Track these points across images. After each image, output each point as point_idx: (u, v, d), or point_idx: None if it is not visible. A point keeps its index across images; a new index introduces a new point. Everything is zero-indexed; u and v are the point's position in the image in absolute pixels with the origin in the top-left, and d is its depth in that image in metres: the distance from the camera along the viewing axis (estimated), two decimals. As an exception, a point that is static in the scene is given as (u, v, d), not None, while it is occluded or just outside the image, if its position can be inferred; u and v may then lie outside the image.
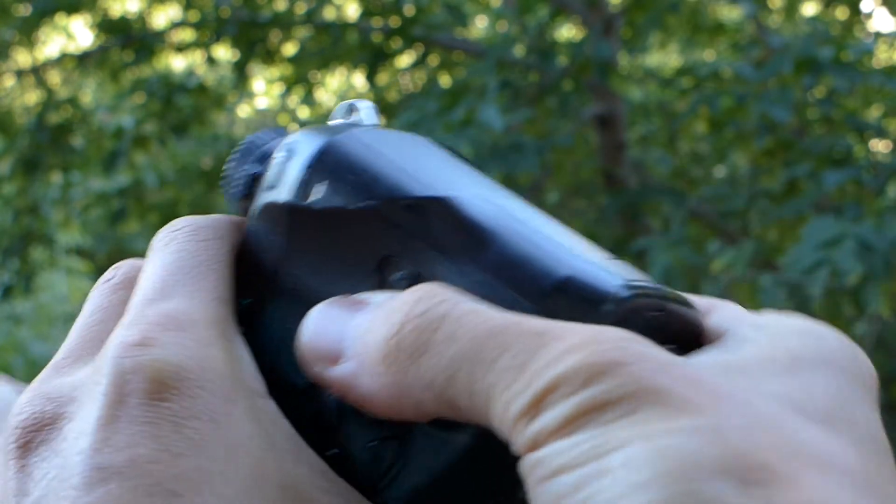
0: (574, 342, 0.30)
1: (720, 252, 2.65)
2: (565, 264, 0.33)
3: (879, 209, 2.48)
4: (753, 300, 2.45)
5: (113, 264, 0.37)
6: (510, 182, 2.91)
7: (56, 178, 3.87)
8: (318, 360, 0.34)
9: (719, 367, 0.31)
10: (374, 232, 0.36)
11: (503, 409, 0.30)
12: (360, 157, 0.37)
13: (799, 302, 2.70)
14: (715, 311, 0.36)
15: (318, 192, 0.37)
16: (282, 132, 0.40)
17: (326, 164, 0.37)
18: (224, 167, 0.40)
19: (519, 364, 0.30)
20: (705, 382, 0.28)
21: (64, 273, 5.47)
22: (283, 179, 0.37)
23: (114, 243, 4.30)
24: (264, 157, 0.39)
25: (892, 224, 2.14)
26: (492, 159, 2.45)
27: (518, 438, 0.29)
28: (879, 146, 3.32)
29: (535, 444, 0.29)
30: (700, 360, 0.31)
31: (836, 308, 2.51)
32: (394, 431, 0.34)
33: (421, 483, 0.34)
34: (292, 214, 0.37)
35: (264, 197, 0.38)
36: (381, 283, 0.36)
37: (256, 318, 0.37)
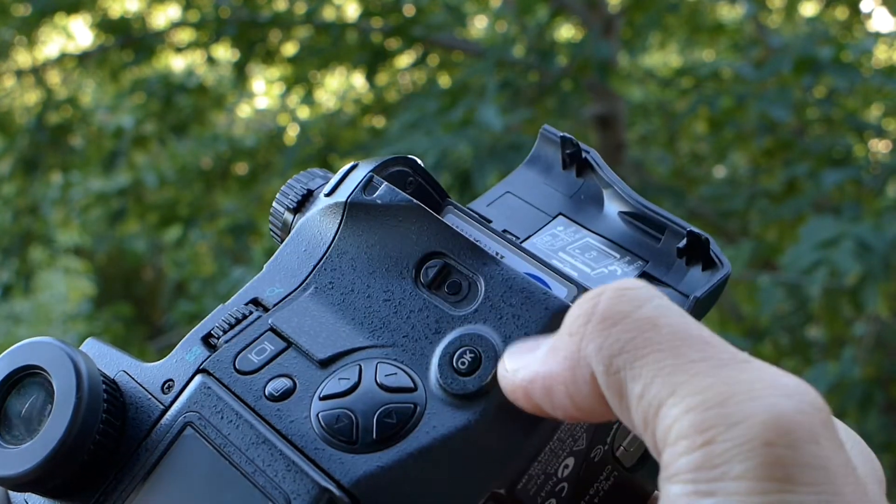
0: (785, 382, 0.28)
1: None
2: None
3: (878, 209, 2.48)
4: (752, 300, 2.45)
5: (112, 264, 0.39)
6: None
7: (56, 178, 3.87)
8: (506, 373, 0.35)
9: None
10: (423, 227, 0.41)
11: (679, 413, 0.28)
12: (414, 168, 0.44)
13: (798, 302, 2.70)
14: None
15: (378, 191, 0.42)
16: (325, 173, 0.47)
17: (386, 170, 0.43)
18: (275, 198, 0.46)
19: (719, 378, 0.28)
20: (865, 497, 0.28)
21: (62, 273, 5.47)
22: (344, 186, 0.43)
23: (113, 243, 4.29)
24: (310, 187, 0.46)
25: (891, 224, 2.14)
26: (491, 159, 2.45)
27: (677, 454, 0.28)
28: (879, 146, 3.32)
29: (696, 480, 0.27)
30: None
31: (834, 308, 2.51)
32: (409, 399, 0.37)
33: (426, 443, 0.36)
34: (351, 209, 0.42)
35: (322, 202, 0.44)
36: (416, 279, 0.40)
37: (287, 305, 0.41)
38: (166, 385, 0.40)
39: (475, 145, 2.46)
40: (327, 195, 0.44)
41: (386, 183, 0.42)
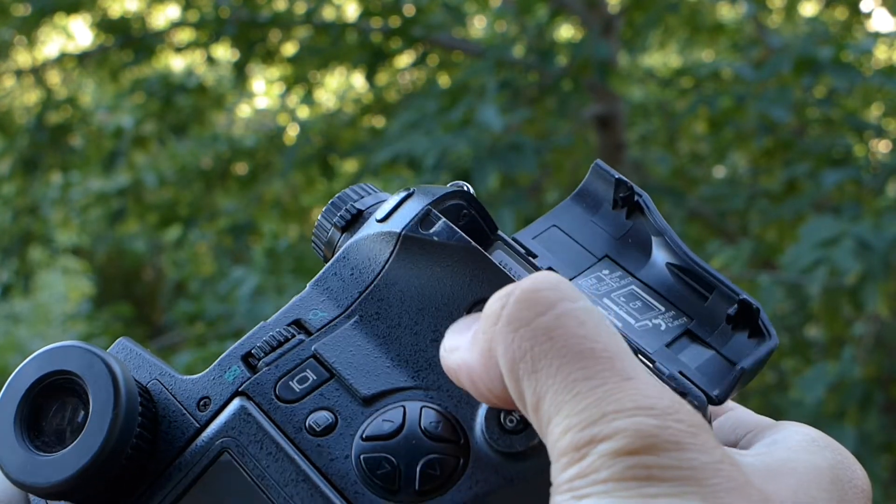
0: (653, 404, 0.31)
1: (718, 251, 2.64)
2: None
3: (878, 209, 2.48)
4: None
5: (112, 264, 0.38)
6: (510, 182, 2.91)
7: (55, 177, 3.87)
8: (444, 351, 0.36)
9: (762, 470, 0.35)
10: (478, 271, 0.40)
11: (561, 432, 0.31)
12: (469, 200, 0.43)
13: (798, 301, 2.70)
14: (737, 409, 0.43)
15: (435, 227, 0.41)
16: (374, 190, 0.46)
17: (443, 204, 0.42)
18: (322, 212, 0.45)
19: (595, 399, 0.31)
20: (749, 488, 0.31)
21: (61, 273, 5.47)
22: (399, 214, 0.42)
23: (112, 243, 4.29)
24: (360, 207, 0.44)
25: (891, 223, 2.14)
26: (490, 159, 2.44)
27: (560, 469, 0.31)
28: (879, 146, 3.32)
29: (573, 488, 0.30)
30: (748, 460, 0.35)
31: (834, 308, 2.51)
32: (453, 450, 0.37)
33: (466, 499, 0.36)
34: (405, 241, 0.41)
35: (374, 227, 0.42)
36: None
37: (330, 332, 0.40)
38: (202, 402, 0.39)
39: (475, 145, 2.46)
40: (380, 221, 0.42)
41: (443, 219, 0.41)
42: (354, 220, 0.44)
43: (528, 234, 0.46)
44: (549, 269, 0.44)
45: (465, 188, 0.44)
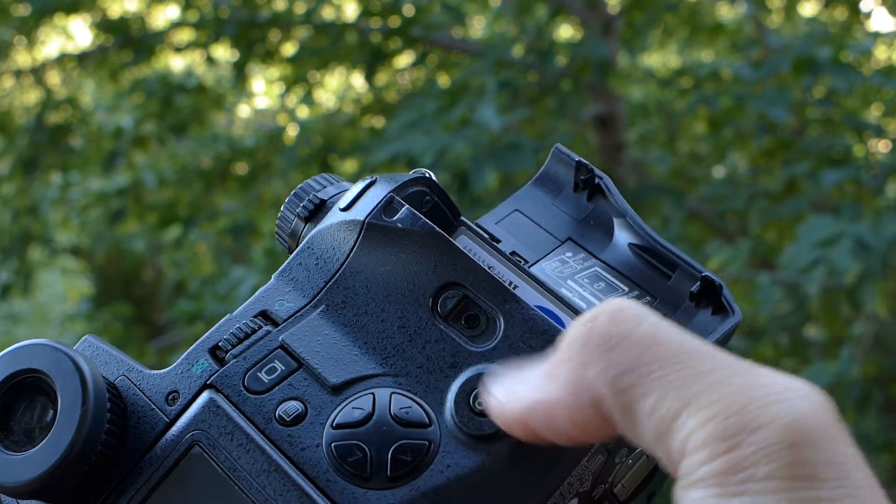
0: (797, 386, 0.29)
1: (717, 250, 2.65)
2: None
3: (877, 209, 2.48)
4: (751, 299, 2.45)
5: (112, 264, 0.38)
6: (509, 182, 2.91)
7: (55, 178, 3.87)
8: (498, 406, 0.35)
9: None
10: (443, 256, 0.40)
11: (697, 423, 0.28)
12: (431, 187, 0.43)
13: (796, 301, 2.71)
14: None
15: (399, 214, 0.41)
16: (336, 180, 0.46)
17: (405, 191, 0.42)
18: (285, 204, 0.45)
19: (736, 386, 0.28)
20: (879, 491, 0.29)
21: (60, 273, 5.47)
22: (362, 203, 0.42)
23: (112, 243, 4.29)
24: (322, 196, 0.44)
25: (889, 223, 2.14)
26: (489, 159, 2.44)
27: (698, 462, 0.28)
28: (878, 146, 3.32)
29: (721, 483, 0.28)
30: None
31: (833, 307, 2.51)
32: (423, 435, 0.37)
33: (439, 483, 0.36)
34: (369, 229, 0.41)
35: (337, 216, 0.42)
36: (433, 308, 0.39)
37: (297, 322, 0.40)
38: (171, 396, 0.39)
39: (474, 145, 2.46)
40: (343, 209, 0.42)
41: (407, 206, 0.41)
42: (318, 210, 0.44)
43: (491, 220, 0.46)
44: (513, 253, 0.44)
45: (427, 174, 0.44)
